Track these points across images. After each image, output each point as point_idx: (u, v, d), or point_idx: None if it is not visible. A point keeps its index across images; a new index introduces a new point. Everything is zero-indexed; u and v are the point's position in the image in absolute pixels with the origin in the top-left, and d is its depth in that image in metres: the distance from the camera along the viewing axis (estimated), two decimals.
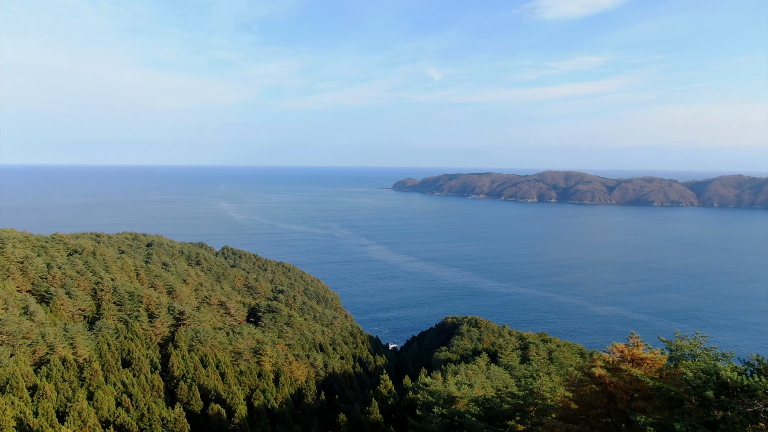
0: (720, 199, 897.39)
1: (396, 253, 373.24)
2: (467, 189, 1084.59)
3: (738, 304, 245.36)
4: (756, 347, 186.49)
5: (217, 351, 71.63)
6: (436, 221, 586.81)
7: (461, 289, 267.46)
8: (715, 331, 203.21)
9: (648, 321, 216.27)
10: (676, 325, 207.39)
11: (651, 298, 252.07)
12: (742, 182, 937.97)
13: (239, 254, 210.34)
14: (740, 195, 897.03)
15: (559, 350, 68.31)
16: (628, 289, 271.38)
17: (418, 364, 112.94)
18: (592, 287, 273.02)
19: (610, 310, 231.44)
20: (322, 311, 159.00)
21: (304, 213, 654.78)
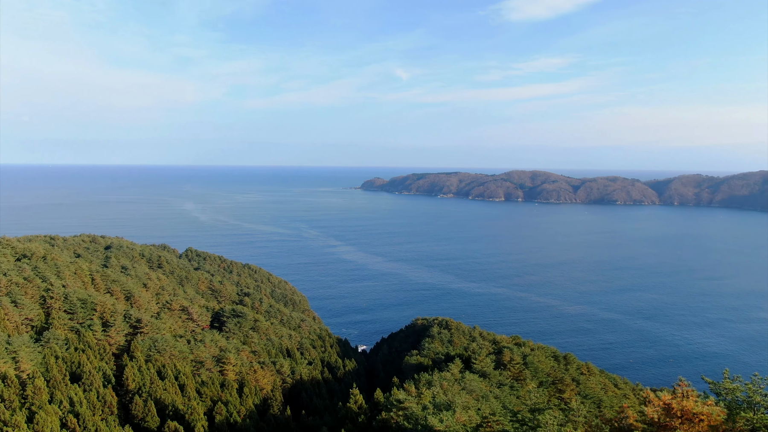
0: (680, 197, 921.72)
1: (364, 253, 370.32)
2: (435, 188, 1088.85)
3: (704, 301, 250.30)
4: (724, 344, 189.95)
5: (177, 361, 67.69)
6: (405, 221, 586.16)
7: (430, 289, 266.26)
8: (683, 329, 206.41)
9: (618, 320, 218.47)
10: (648, 324, 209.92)
11: (619, 297, 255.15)
12: (701, 181, 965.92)
13: (204, 256, 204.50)
14: (699, 194, 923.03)
15: (534, 354, 66.78)
16: (597, 287, 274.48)
17: (388, 368, 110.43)
18: (561, 286, 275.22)
19: (580, 308, 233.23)
20: (289, 314, 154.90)
21: (271, 213, 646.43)
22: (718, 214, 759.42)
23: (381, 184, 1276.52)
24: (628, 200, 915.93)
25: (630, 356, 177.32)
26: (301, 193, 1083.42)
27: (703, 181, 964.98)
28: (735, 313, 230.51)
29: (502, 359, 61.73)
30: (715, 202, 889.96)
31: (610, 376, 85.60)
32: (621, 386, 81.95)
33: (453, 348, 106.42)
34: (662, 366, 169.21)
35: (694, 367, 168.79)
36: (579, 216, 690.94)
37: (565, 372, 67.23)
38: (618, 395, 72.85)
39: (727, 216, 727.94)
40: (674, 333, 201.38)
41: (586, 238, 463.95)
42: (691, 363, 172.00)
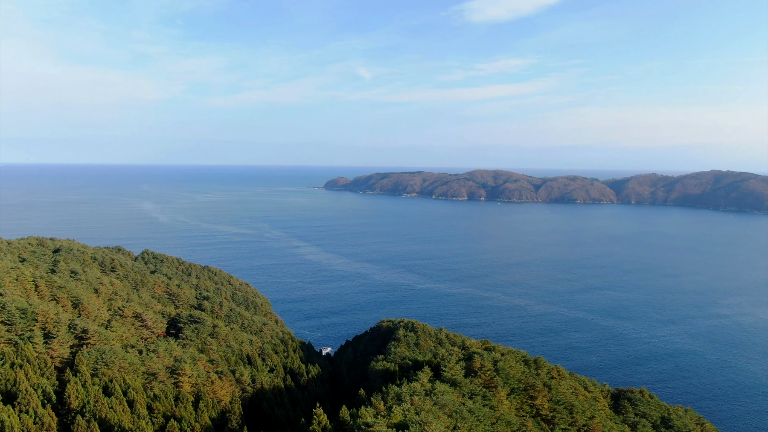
0: (637, 196, 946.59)
1: (328, 253, 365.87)
2: (399, 188, 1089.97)
3: (664, 297, 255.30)
4: (686, 341, 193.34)
5: (127, 374, 63.07)
6: (369, 221, 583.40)
7: (396, 289, 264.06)
8: (645, 326, 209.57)
9: (583, 318, 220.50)
10: (613, 322, 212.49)
11: (583, 295, 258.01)
12: (656, 180, 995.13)
13: (161, 258, 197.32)
14: (655, 192, 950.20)
15: (504, 359, 64.84)
16: (561, 286, 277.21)
17: (353, 373, 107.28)
18: (526, 286, 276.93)
19: (545, 308, 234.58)
20: (250, 318, 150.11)
21: (232, 213, 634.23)
22: (672, 212, 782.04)
23: (344, 183, 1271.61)
24: (587, 199, 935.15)
25: (595, 353, 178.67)
26: (263, 193, 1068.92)
27: (659, 180, 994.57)
28: (694, 309, 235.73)
29: (472, 366, 59.47)
30: (670, 200, 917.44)
31: (580, 378, 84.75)
32: (591, 389, 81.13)
33: (420, 351, 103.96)
34: (627, 365, 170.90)
35: (659, 365, 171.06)
36: (541, 215, 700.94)
37: (536, 377, 65.55)
38: (588, 399, 71.82)
39: (682, 214, 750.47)
40: (637, 330, 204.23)
41: (550, 238, 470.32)
42: (655, 361, 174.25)
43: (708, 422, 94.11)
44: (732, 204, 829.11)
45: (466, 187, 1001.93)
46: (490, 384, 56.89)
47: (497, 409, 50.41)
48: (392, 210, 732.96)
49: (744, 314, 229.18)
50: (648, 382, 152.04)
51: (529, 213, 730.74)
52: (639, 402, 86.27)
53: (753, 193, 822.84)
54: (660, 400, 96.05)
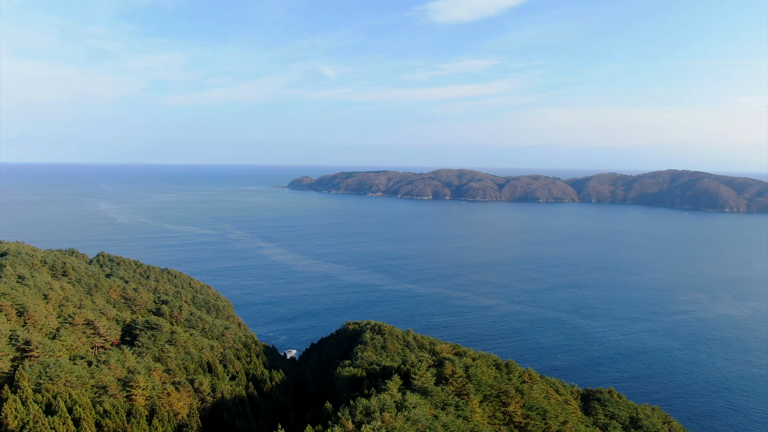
0: (597, 195, 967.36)
1: (293, 254, 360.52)
2: (364, 187, 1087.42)
3: (629, 295, 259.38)
4: (650, 338, 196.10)
5: (73, 389, 58.55)
6: (334, 220, 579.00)
7: (362, 290, 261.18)
8: (613, 323, 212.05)
9: (550, 317, 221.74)
10: (577, 320, 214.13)
11: (549, 294, 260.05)
12: (616, 179, 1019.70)
13: (117, 261, 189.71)
14: (614, 191, 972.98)
15: (476, 365, 62.86)
16: (526, 286, 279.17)
17: (318, 378, 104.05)
18: (491, 285, 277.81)
19: (511, 307, 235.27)
20: (212, 322, 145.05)
21: (194, 214, 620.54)
22: (631, 210, 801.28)
23: (309, 182, 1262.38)
24: (549, 198, 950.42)
25: (560, 352, 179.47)
26: (226, 193, 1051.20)
27: (618, 179, 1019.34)
28: (656, 306, 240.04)
29: (443, 373, 57.25)
30: (629, 199, 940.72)
31: (550, 380, 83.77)
32: (562, 392, 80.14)
33: (387, 355, 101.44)
34: (592, 362, 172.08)
35: (624, 362, 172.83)
36: (505, 214, 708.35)
37: (508, 382, 63.82)
38: (560, 402, 70.64)
39: (640, 212, 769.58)
40: (601, 328, 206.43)
41: (515, 237, 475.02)
42: (620, 357, 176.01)
43: (674, 420, 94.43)
44: (687, 202, 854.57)
45: (431, 186, 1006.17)
46: (462, 391, 54.76)
47: (470, 420, 48.29)
48: (358, 209, 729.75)
49: (703, 310, 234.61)
50: (615, 380, 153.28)
51: (494, 212, 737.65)
52: (608, 402, 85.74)
53: (707, 192, 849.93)
54: (627, 398, 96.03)
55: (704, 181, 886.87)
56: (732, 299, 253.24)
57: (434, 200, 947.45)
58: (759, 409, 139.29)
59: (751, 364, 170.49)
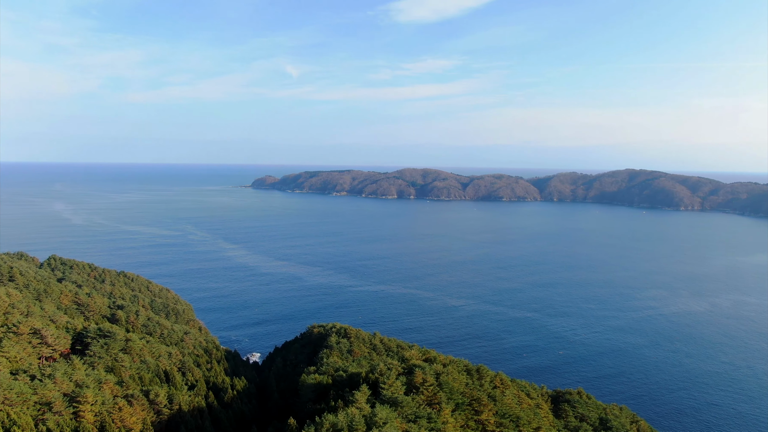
0: (559, 194, 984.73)
1: (256, 254, 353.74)
2: (329, 186, 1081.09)
3: (591, 292, 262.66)
4: (614, 335, 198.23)
5: (13, 407, 53.79)
6: (299, 220, 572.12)
7: (327, 291, 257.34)
8: (577, 321, 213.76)
9: (515, 316, 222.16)
10: (542, 319, 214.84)
11: (514, 294, 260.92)
12: (576, 179, 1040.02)
13: (70, 264, 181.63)
14: (575, 190, 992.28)
15: (446, 372, 60.67)
16: (492, 286, 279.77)
17: (282, 385, 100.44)
18: (458, 286, 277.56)
19: (478, 307, 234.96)
20: (170, 327, 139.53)
21: (154, 214, 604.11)
22: (592, 209, 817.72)
23: (272, 182, 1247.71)
24: (513, 197, 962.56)
25: (527, 351, 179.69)
26: (187, 192, 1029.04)
27: (579, 178, 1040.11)
28: (618, 303, 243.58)
29: (413, 381, 54.80)
30: (589, 198, 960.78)
31: (521, 384, 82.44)
32: (533, 395, 78.80)
33: (354, 360, 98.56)
34: (560, 362, 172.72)
35: (589, 360, 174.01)
36: (469, 213, 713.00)
37: (479, 388, 61.84)
38: (532, 407, 69.15)
39: (600, 211, 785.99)
40: (565, 326, 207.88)
41: (480, 236, 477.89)
42: (585, 355, 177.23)
43: (642, 419, 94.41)
44: (645, 201, 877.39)
45: (395, 185, 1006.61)
46: (434, 400, 52.41)
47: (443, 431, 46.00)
48: (322, 209, 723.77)
49: (664, 306, 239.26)
50: (582, 380, 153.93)
51: (458, 211, 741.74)
52: (578, 404, 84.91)
53: (663, 191, 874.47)
54: (596, 398, 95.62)
55: (660, 180, 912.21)
56: (690, 295, 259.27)
57: (399, 199, 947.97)
58: (723, 404, 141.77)
59: (714, 360, 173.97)
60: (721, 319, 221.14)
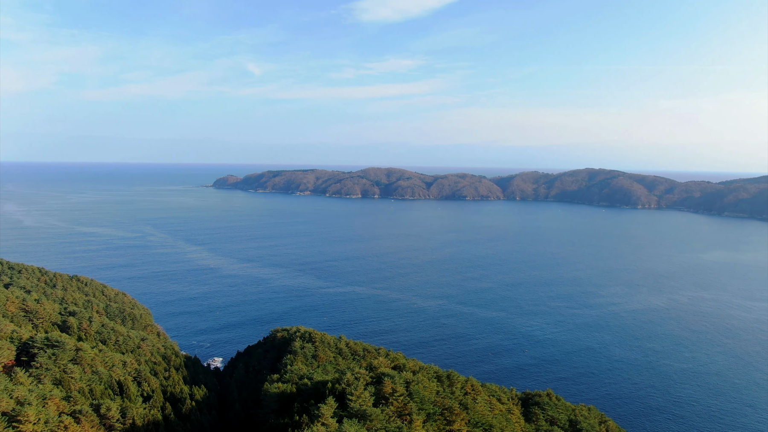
0: (521, 193, 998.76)
1: (218, 256, 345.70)
2: (292, 186, 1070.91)
3: (555, 290, 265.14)
4: (578, 333, 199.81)
5: None
6: (262, 221, 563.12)
7: (290, 292, 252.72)
8: (532, 319, 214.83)
9: (486, 316, 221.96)
10: (510, 318, 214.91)
11: (482, 294, 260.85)
12: (538, 178, 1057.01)
13: (18, 269, 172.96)
14: (537, 189, 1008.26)
15: (417, 380, 58.26)
16: (459, 286, 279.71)
17: (244, 393, 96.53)
18: (424, 287, 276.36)
19: (445, 309, 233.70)
20: (126, 333, 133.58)
21: (111, 215, 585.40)
22: (554, 207, 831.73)
23: (234, 182, 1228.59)
24: (476, 196, 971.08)
25: (494, 351, 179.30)
26: (146, 192, 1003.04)
27: (540, 177, 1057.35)
28: (581, 300, 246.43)
29: (382, 391, 52.22)
30: (551, 196, 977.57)
31: (492, 388, 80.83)
32: (504, 400, 77.23)
33: (319, 366, 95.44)
34: (527, 362, 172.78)
35: (558, 359, 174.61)
36: (434, 212, 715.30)
37: (451, 396, 59.74)
38: (504, 413, 67.53)
39: (562, 209, 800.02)
40: (532, 325, 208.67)
41: (446, 236, 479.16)
42: (554, 356, 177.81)
43: (610, 419, 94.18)
44: (604, 199, 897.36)
45: (359, 185, 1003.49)
46: (404, 411, 49.96)
47: None
48: (286, 209, 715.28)
49: (627, 303, 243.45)
50: (551, 380, 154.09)
51: (423, 210, 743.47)
52: (547, 406, 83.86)
53: (621, 189, 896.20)
54: (564, 399, 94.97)
55: (619, 179, 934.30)
56: (651, 292, 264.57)
57: (363, 199, 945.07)
58: (689, 400, 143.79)
59: (678, 355, 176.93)
60: (682, 314, 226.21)
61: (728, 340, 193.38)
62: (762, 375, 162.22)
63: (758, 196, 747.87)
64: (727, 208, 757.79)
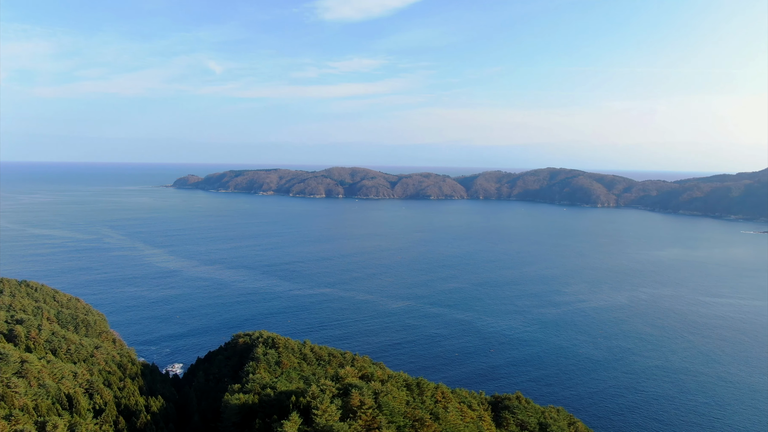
0: (484, 192, 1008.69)
1: (178, 258, 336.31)
2: (255, 186, 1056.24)
3: (513, 289, 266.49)
4: (536, 329, 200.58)
5: None
6: (224, 222, 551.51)
7: (254, 296, 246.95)
8: (499, 319, 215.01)
9: (453, 317, 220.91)
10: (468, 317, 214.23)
11: (449, 295, 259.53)
12: (501, 177, 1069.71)
13: None
14: (500, 188, 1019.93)
15: (385, 390, 55.67)
16: (425, 287, 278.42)
17: (204, 403, 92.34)
18: (390, 288, 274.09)
19: (411, 310, 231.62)
20: (79, 342, 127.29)
21: (65, 216, 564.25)
22: (516, 207, 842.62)
23: (196, 181, 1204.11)
24: (440, 195, 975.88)
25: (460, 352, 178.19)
26: (103, 193, 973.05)
27: (503, 177, 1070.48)
28: (543, 298, 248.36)
29: (350, 404, 49.49)
30: (513, 195, 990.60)
31: (461, 395, 78.82)
32: (475, 406, 75.37)
33: (282, 372, 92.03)
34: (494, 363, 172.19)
35: (525, 359, 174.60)
36: (398, 212, 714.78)
37: (421, 406, 57.44)
38: (475, 420, 65.66)
39: (525, 208, 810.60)
40: (499, 325, 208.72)
41: (411, 236, 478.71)
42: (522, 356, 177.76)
43: (578, 420, 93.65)
44: (565, 198, 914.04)
45: (323, 184, 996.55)
46: (373, 425, 47.34)
47: None
48: (249, 209, 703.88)
49: (588, 300, 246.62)
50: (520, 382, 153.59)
51: (387, 210, 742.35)
52: (517, 409, 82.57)
53: (582, 188, 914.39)
54: (533, 401, 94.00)
55: (579, 178, 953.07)
56: (612, 289, 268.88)
57: (327, 199, 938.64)
58: (657, 396, 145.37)
59: (643, 353, 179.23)
60: (645, 311, 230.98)
61: (690, 336, 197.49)
62: (724, 368, 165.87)
63: (711, 194, 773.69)
64: (682, 206, 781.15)
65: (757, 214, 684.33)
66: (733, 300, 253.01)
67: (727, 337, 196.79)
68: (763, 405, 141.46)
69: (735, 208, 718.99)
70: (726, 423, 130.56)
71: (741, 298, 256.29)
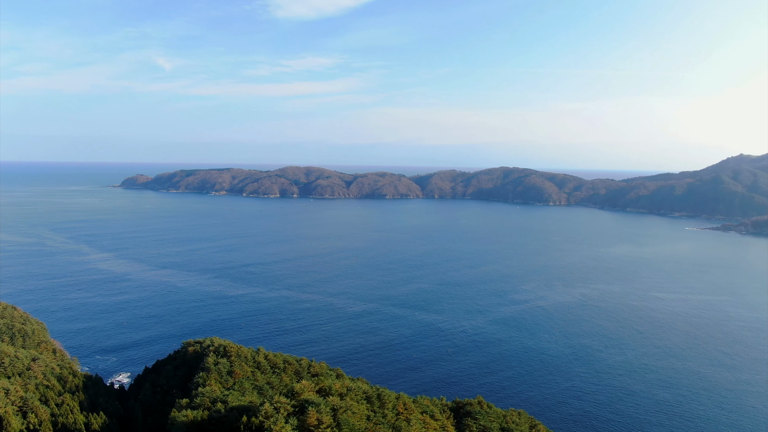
0: (439, 191, 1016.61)
1: (125, 261, 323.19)
2: (207, 185, 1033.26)
3: (471, 289, 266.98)
4: (497, 328, 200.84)
5: None
6: (175, 223, 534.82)
7: (205, 301, 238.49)
8: (457, 319, 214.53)
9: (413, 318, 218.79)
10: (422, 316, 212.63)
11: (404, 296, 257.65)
12: (456, 176, 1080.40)
13: None
14: (455, 187, 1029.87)
15: (345, 405, 52.37)
16: (383, 288, 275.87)
17: (150, 419, 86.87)
18: (347, 291, 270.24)
19: (363, 308, 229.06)
20: (13, 354, 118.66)
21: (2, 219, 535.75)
22: (471, 205, 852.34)
23: (145, 181, 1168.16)
24: (396, 194, 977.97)
25: (416, 351, 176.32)
26: (45, 193, 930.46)
27: (458, 176, 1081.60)
28: (499, 297, 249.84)
29: (306, 423, 46.03)
30: (468, 194, 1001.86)
31: (423, 403, 76.30)
32: (437, 416, 72.92)
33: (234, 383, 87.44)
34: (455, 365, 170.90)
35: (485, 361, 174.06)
36: (354, 212, 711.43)
37: (382, 419, 54.45)
38: (438, 430, 63.19)
39: (480, 207, 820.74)
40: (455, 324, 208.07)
41: (368, 236, 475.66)
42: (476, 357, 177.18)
43: (539, 423, 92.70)
44: (518, 197, 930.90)
45: (278, 184, 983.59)
46: None
47: None
48: (201, 210, 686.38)
49: (540, 298, 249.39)
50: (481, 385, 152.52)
51: (343, 210, 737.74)
52: (479, 415, 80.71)
53: (534, 187, 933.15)
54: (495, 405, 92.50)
55: (531, 177, 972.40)
56: (567, 287, 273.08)
57: (282, 198, 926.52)
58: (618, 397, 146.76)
59: (602, 349, 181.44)
60: (602, 306, 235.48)
61: (646, 330, 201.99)
62: (681, 363, 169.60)
63: (656, 192, 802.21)
64: (629, 204, 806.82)
65: (699, 211, 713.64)
66: (683, 295, 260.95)
67: (681, 331, 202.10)
68: (723, 396, 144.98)
69: (679, 205, 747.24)
70: (687, 419, 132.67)
71: (690, 293, 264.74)
